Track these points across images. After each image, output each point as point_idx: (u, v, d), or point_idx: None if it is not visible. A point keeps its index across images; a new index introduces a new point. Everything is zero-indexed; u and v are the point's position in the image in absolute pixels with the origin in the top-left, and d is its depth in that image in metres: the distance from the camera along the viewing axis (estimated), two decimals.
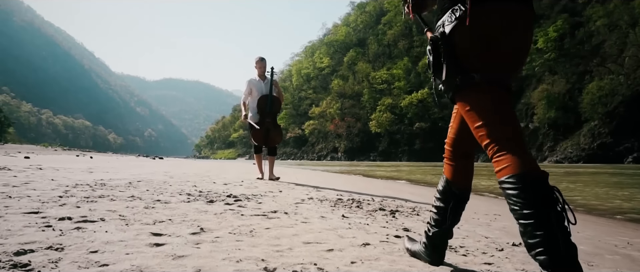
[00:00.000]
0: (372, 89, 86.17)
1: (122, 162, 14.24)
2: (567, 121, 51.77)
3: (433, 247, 1.71)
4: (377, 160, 69.51)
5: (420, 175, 14.13)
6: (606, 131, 45.02)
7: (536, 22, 65.77)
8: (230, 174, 8.72)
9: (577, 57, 56.88)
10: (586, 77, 53.63)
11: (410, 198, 4.96)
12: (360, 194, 4.89)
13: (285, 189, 4.99)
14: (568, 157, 44.87)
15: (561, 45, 58.49)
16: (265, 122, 6.70)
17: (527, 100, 60.52)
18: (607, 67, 51.17)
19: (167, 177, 6.08)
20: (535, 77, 61.99)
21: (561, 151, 48.91)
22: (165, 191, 3.83)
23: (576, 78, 55.44)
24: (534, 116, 56.58)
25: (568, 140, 50.07)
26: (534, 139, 56.15)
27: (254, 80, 6.83)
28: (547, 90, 55.62)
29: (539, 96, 55.92)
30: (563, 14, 61.82)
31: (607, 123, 45.54)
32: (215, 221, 2.38)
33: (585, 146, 46.05)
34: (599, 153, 42.34)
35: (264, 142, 6.76)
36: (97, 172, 6.45)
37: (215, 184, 5.12)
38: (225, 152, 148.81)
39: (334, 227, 2.41)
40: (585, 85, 51.62)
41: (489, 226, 3.02)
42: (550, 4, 67.26)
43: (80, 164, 9.87)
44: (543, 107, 54.32)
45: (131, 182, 4.61)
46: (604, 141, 44.15)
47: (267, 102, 6.70)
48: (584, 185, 9.05)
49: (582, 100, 50.10)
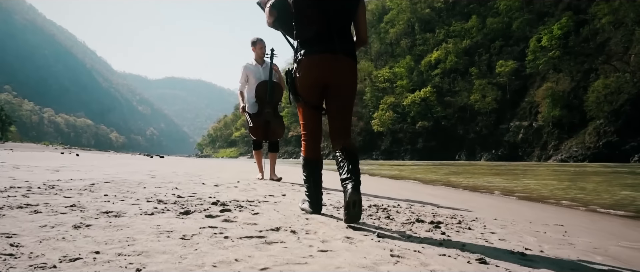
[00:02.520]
0: (375, 87, 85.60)
1: (108, 160, 12.60)
2: (571, 120, 51.19)
3: None
4: (380, 159, 69.07)
5: (424, 174, 13.70)
6: (612, 130, 44.44)
7: (541, 20, 65.27)
8: (226, 173, 7.73)
9: (582, 55, 56.25)
10: (591, 75, 53.01)
11: (438, 202, 4.34)
12: (380, 198, 4.14)
13: (290, 192, 4.13)
14: (573, 156, 44.33)
15: (566, 43, 57.82)
16: (265, 113, 5.74)
17: (531, 98, 59.95)
18: (612, 65, 50.57)
19: (148, 177, 5.19)
20: (539, 75, 61.40)
21: (566, 149, 48.35)
22: (130, 197, 3.00)
23: (581, 76, 54.83)
24: (538, 115, 56.02)
25: (573, 139, 49.50)
26: (538, 138, 55.61)
27: (251, 66, 5.86)
28: (551, 88, 55.02)
29: (544, 94, 55.30)
30: (567, 11, 61.19)
31: (613, 121, 44.97)
32: (177, 252, 1.50)
33: (590, 144, 45.48)
34: (604, 152, 41.77)
35: (264, 137, 5.83)
36: (64, 171, 5.51)
37: (204, 185, 4.29)
38: (227, 150, 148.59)
39: (374, 260, 1.55)
40: (590, 84, 51.02)
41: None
42: (554, 2, 66.67)
43: (54, 161, 8.77)
44: (547, 105, 53.72)
45: (94, 184, 3.75)
46: (609, 139, 43.58)
47: (267, 89, 5.70)
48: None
49: (587, 99, 49.50)
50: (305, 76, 2.53)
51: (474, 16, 76.92)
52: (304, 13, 2.50)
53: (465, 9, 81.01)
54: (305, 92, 2.56)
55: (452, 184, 8.61)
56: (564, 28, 57.54)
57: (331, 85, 2.53)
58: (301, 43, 2.57)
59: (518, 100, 62.98)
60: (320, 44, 2.48)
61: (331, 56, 2.47)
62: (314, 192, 2.71)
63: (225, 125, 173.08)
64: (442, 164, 32.46)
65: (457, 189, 7.50)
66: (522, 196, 6.21)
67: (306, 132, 2.69)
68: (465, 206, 4.06)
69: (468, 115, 67.63)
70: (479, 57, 72.87)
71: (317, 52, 2.49)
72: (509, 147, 58.05)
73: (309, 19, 2.50)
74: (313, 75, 2.51)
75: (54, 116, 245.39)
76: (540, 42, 59.38)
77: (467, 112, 68.04)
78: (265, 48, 5.92)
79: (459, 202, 4.50)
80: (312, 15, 2.49)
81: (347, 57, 2.51)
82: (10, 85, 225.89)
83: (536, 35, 61.63)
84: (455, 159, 60.65)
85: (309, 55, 2.50)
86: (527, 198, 5.93)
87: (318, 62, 2.49)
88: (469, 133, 65.83)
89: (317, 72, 2.50)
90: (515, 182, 9.28)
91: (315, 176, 2.69)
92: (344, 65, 2.50)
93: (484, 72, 70.29)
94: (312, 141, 2.69)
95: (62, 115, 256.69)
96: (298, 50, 2.57)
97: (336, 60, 2.48)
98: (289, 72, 2.62)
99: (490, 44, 72.62)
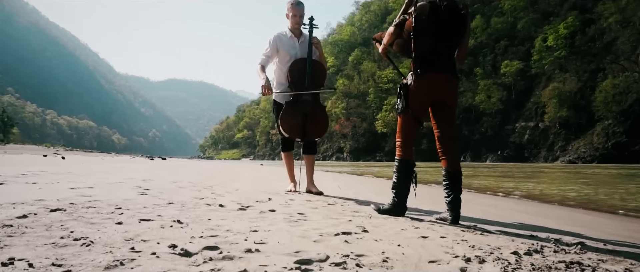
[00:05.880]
0: (378, 88, 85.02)
1: (97, 165, 10.12)
2: (579, 120, 50.57)
3: None
4: (384, 160, 68.47)
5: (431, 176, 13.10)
6: (621, 130, 43.83)
7: (546, 19, 64.64)
8: (242, 181, 6.16)
9: (589, 55, 55.63)
10: (599, 75, 52.37)
11: (550, 224, 3.08)
12: (487, 224, 2.75)
13: (359, 218, 2.59)
14: (581, 157, 43.69)
15: (572, 43, 57.23)
16: (303, 102, 4.10)
17: (537, 99, 59.30)
18: (621, 65, 49.93)
19: (137, 193, 3.40)
20: (545, 75, 60.78)
21: (573, 150, 47.71)
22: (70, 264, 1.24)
23: (588, 76, 54.19)
24: (545, 115, 55.38)
25: (580, 139, 48.86)
26: (544, 139, 54.95)
27: (284, 37, 4.24)
28: (558, 88, 54.37)
29: (550, 95, 54.68)
30: (573, 11, 60.57)
31: (622, 122, 44.34)
32: None
33: (599, 145, 44.86)
34: (613, 153, 41.15)
35: (300, 134, 4.13)
36: (9, 184, 3.68)
37: (223, 209, 2.70)
38: (229, 152, 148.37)
39: None
40: (597, 84, 50.41)
41: None
42: (560, 2, 66.02)
43: (19, 168, 6.41)
44: (554, 105, 53.08)
45: (11, 226, 1.76)
46: (618, 140, 42.96)
47: (306, 70, 4.13)
48: None
49: (594, 99, 48.90)
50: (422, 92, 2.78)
51: (478, 16, 76.28)
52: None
53: (469, 9, 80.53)
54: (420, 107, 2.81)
55: (510, 192, 6.97)
56: (570, 27, 56.96)
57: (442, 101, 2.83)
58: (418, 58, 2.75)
59: (524, 101, 62.32)
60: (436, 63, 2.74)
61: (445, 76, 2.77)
62: (404, 194, 2.73)
63: (227, 126, 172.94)
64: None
65: (526, 200, 5.82)
66: (579, 203, 5.26)
67: (406, 139, 2.82)
68: (583, 226, 3.10)
69: (473, 116, 66.98)
70: (484, 57, 72.24)
71: (435, 70, 2.72)
72: (514, 148, 57.40)
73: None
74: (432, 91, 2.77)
75: (57, 118, 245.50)
76: (546, 42, 58.83)
77: (472, 112, 67.38)
78: (304, 15, 4.28)
79: (573, 221, 3.52)
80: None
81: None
82: (13, 88, 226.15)
83: (542, 35, 61.05)
84: (461, 160, 59.96)
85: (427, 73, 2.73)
86: (593, 208, 4.86)
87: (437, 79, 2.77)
88: (474, 134, 65.17)
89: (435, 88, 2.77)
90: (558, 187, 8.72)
91: (409, 178, 2.74)
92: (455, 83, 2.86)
93: (488, 72, 69.65)
94: (411, 147, 2.82)
95: (64, 117, 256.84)
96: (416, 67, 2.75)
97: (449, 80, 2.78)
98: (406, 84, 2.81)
99: (495, 44, 71.99)
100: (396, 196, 2.73)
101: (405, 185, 2.74)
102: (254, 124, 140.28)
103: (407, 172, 2.74)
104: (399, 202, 2.72)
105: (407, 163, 2.75)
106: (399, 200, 2.72)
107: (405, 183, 2.73)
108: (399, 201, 2.72)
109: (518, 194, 6.60)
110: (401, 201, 2.72)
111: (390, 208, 2.75)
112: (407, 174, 2.74)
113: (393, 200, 2.74)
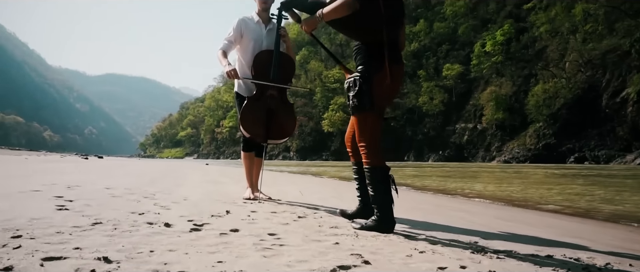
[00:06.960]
0: (325, 88, 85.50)
1: (12, 165, 8.71)
2: (513, 122, 53.57)
3: None
4: (330, 159, 68.90)
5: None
6: (550, 132, 46.88)
7: (485, 26, 67.92)
8: (188, 186, 5.25)
9: (523, 61, 59.11)
10: (531, 80, 55.77)
11: (550, 235, 2.80)
12: (453, 234, 2.53)
13: (334, 237, 2.13)
14: (515, 157, 46.23)
15: (508, 49, 60.53)
16: (268, 97, 3.58)
17: (476, 101, 62.16)
18: (550, 71, 53.43)
19: (53, 208, 2.51)
20: (483, 79, 63.83)
21: (508, 151, 50.41)
22: None
23: (522, 81, 57.54)
24: (483, 117, 58.13)
25: (515, 140, 51.75)
26: (482, 139, 57.68)
27: (250, 21, 3.73)
28: (495, 92, 57.36)
29: (487, 98, 57.56)
30: (509, 19, 64.09)
31: (551, 125, 47.46)
32: None
33: (531, 146, 47.72)
34: (544, 153, 43.88)
35: (263, 135, 3.59)
36: None
37: (169, 228, 2.09)
38: (172, 151, 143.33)
39: None
40: (530, 88, 53.65)
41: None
42: (496, 10, 69.65)
43: None
44: (491, 108, 55.88)
45: None
46: (548, 141, 45.90)
47: (272, 62, 3.59)
48: (621, 189, 8.37)
49: (527, 102, 51.99)
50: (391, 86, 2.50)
51: (422, 20, 78.82)
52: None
53: (414, 13, 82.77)
54: (385, 103, 2.57)
55: (485, 196, 6.64)
56: (506, 34, 60.20)
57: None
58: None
59: (464, 103, 65.09)
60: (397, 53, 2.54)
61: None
62: (389, 206, 2.42)
63: (170, 124, 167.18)
64: (396, 165, 32.51)
65: (503, 204, 5.48)
66: (556, 209, 4.99)
67: (375, 141, 2.50)
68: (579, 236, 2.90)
69: (416, 117, 69.02)
70: (427, 60, 74.69)
71: (399, 61, 2.54)
72: (455, 148, 59.79)
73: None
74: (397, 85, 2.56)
75: None
76: (484, 47, 61.76)
77: (415, 113, 69.42)
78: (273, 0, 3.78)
79: (566, 231, 3.21)
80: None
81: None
82: None
83: (480, 41, 64.08)
84: (404, 159, 61.63)
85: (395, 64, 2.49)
86: (568, 213, 4.66)
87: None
88: (417, 134, 67.20)
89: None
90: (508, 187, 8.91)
91: (389, 187, 2.44)
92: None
93: (431, 74, 72.09)
94: (380, 150, 2.52)
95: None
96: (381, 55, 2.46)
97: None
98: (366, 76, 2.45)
99: (438, 48, 74.65)
100: (379, 210, 2.40)
101: (388, 196, 2.40)
102: (199, 122, 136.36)
103: (386, 181, 2.41)
104: (384, 217, 2.39)
105: (383, 170, 2.42)
106: (383, 214, 2.39)
107: (388, 194, 2.41)
108: (384, 215, 2.39)
109: (474, 195, 6.67)
110: (386, 215, 2.39)
111: (376, 225, 2.40)
112: (387, 182, 2.41)
113: (377, 216, 2.41)
